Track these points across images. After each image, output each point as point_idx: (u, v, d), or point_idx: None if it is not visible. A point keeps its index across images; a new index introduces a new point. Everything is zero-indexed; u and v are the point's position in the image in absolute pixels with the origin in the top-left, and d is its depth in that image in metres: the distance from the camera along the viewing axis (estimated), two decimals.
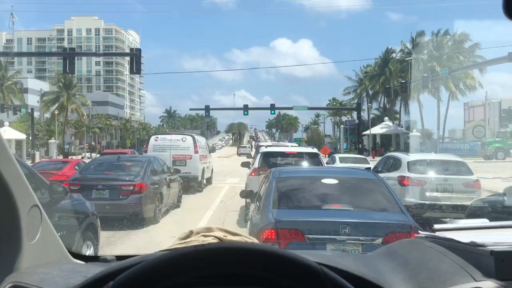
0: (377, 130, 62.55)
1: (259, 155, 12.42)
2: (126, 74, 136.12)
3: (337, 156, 24.42)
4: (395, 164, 11.96)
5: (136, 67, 26.23)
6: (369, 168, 12.20)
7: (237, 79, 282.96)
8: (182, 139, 19.31)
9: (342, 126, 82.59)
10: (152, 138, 20.02)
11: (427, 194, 10.69)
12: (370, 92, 73.34)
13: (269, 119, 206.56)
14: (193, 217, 12.06)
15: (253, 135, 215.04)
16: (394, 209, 5.11)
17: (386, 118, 64.70)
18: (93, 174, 11.72)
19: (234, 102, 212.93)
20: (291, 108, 63.32)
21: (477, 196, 10.38)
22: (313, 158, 11.94)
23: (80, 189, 10.53)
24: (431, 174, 11.05)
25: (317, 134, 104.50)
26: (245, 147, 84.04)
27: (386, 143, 63.53)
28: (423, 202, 10.50)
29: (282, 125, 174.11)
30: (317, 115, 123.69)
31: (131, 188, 10.86)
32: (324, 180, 5.67)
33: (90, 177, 11.38)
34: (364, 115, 77.73)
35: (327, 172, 6.43)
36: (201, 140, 21.42)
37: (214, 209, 13.51)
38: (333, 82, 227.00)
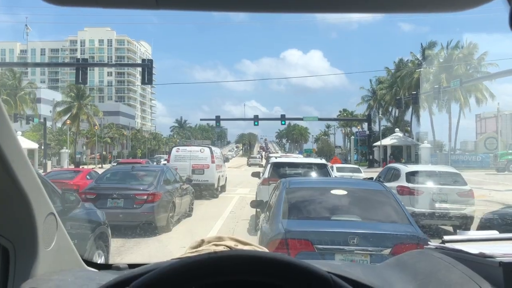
0: (388, 141, 62.08)
1: (269, 165, 12.92)
2: (137, 85, 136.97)
3: (334, 166, 26.23)
4: (395, 175, 12.68)
5: (147, 77, 26.51)
6: (371, 178, 13.05)
7: (248, 90, 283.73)
8: (200, 150, 21.38)
9: (352, 137, 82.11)
10: (174, 149, 22.12)
11: (424, 203, 11.31)
12: (382, 103, 73.44)
13: (279, 129, 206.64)
14: (204, 227, 12.21)
15: (263, 145, 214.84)
16: (403, 220, 5.24)
17: (397, 129, 64.35)
18: (108, 183, 12.25)
19: (244, 112, 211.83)
20: (301, 119, 63.56)
21: (471, 205, 11.21)
22: (321, 169, 12.51)
23: (96, 197, 11.15)
24: (428, 184, 11.72)
25: (328, 145, 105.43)
26: (255, 157, 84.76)
27: (397, 154, 63.03)
28: (420, 210, 11.11)
29: (293, 135, 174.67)
30: (328, 126, 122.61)
31: (145, 197, 11.33)
32: (333, 191, 5.84)
33: (105, 186, 11.90)
34: (376, 126, 77.89)
35: (336, 183, 6.65)
36: (217, 151, 23.56)
37: (225, 219, 13.64)
38: (344, 92, 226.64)
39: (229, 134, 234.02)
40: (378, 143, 60.29)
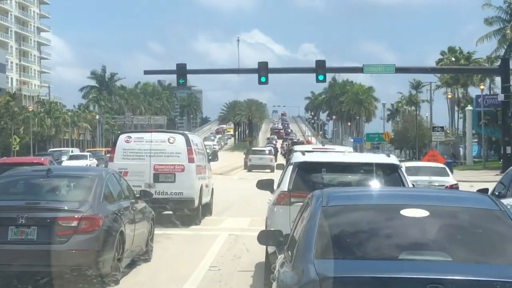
0: None
1: (291, 167, 14.20)
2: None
3: (404, 165, 27.86)
4: None
5: None
6: (485, 191, 14.01)
7: (245, 9, 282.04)
8: (169, 139, 24.23)
9: (469, 107, 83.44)
10: (122, 138, 24.97)
11: None
12: None
13: (312, 92, 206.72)
14: None
15: (279, 127, 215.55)
16: None
17: None
18: (8, 200, 13.92)
19: (238, 56, 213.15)
20: (360, 70, 64.89)
21: None
22: (388, 175, 13.80)
23: None
24: None
25: (416, 125, 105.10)
26: (262, 152, 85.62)
27: None
28: None
29: (341, 105, 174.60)
30: (416, 85, 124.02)
31: (75, 223, 12.68)
32: (405, 212, 6.65)
33: (4, 205, 13.34)
34: None
35: (411, 198, 7.70)
36: (197, 141, 27.19)
37: (198, 283, 14.11)
38: (449, 14, 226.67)
39: (207, 102, 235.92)
40: None
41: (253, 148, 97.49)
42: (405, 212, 6.59)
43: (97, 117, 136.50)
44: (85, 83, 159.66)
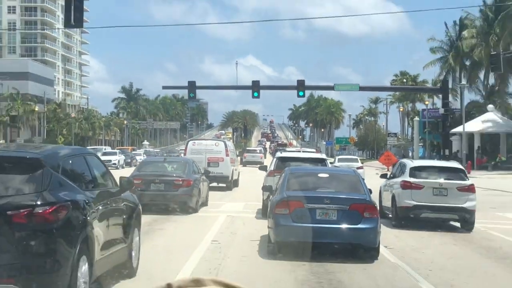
0: (477, 125, 75.05)
1: (275, 159, 28.89)
2: (58, 28, 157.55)
3: (337, 157, 61.59)
4: (402, 170, 25.19)
5: (75, 15, 32.79)
6: (385, 175, 29.54)
7: (243, 38, 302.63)
8: (215, 144, 44.40)
9: (416, 118, 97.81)
10: (190, 143, 44.75)
11: (424, 197, 23.46)
12: (467, 63, 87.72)
13: (294, 105, 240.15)
14: (168, 267, 15.43)
15: (268, 132, 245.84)
16: (360, 191, 18.44)
17: (490, 106, 76.85)
18: (149, 171, 28.74)
19: (236, 76, 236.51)
20: (331, 88, 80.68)
21: (472, 199, 23.38)
22: (321, 163, 28.17)
23: (141, 183, 26.35)
24: (430, 179, 24.03)
25: (375, 132, 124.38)
26: (254, 151, 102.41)
27: (491, 147, 76.53)
28: (420, 203, 23.40)
29: (316, 115, 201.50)
30: (375, 100, 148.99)
31: (181, 182, 27.40)
32: (319, 174, 20.30)
33: (148, 173, 28.33)
34: (457, 102, 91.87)
35: (323, 170, 22.60)
36: (230, 145, 47.69)
37: (202, 254, 17.39)
38: (403, 44, 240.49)
39: (211, 112, 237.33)
40: (459, 129, 72.37)
41: (247, 148, 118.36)
42: (319, 174, 20.43)
43: (125, 122, 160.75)
44: (116, 95, 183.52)
